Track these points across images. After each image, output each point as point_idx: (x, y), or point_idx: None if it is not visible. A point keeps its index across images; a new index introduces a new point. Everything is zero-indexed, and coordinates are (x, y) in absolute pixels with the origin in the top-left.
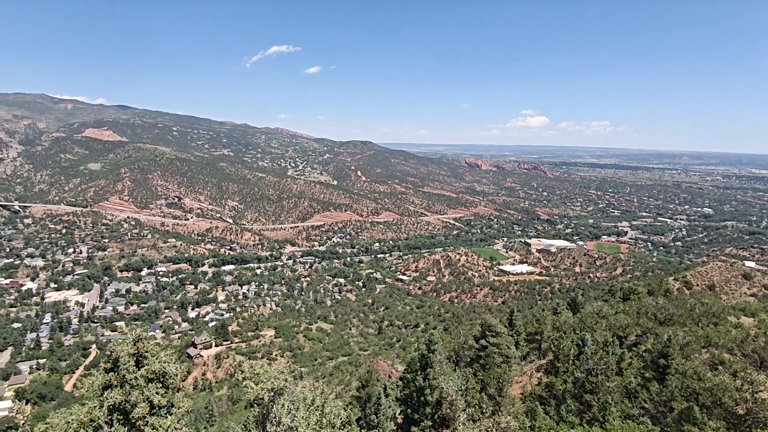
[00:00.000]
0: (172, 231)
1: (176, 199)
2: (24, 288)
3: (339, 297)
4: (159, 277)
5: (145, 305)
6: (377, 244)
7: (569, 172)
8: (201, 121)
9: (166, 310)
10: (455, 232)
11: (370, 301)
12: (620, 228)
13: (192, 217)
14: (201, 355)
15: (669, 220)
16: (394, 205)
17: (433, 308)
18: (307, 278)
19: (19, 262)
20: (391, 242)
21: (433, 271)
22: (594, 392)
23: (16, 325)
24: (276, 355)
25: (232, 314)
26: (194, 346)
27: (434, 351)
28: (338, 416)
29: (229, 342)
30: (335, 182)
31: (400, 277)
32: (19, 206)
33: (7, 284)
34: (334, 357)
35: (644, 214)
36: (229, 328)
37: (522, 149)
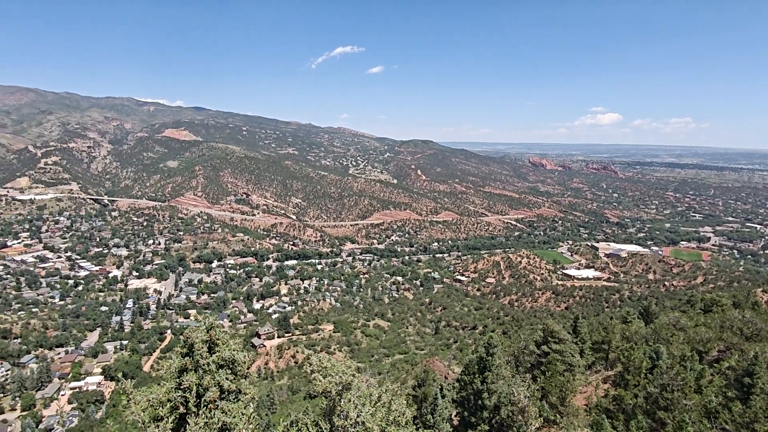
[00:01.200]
0: (240, 226)
1: (244, 196)
2: (111, 275)
3: (396, 295)
4: (227, 269)
5: (215, 295)
6: (436, 244)
7: (643, 172)
8: (268, 121)
9: (233, 301)
10: (516, 234)
11: (427, 300)
12: (702, 233)
13: (258, 213)
14: (264, 345)
15: (759, 226)
16: (453, 204)
17: (491, 310)
18: (366, 275)
19: (107, 251)
20: (449, 242)
21: (493, 273)
22: (669, 409)
23: (103, 308)
24: (334, 349)
25: (293, 307)
26: (258, 336)
27: (493, 354)
28: (403, 414)
29: (290, 334)
30: (395, 181)
31: (459, 277)
32: (108, 200)
33: (97, 271)
34: (391, 354)
35: (730, 218)
36: (291, 321)
37: (591, 148)
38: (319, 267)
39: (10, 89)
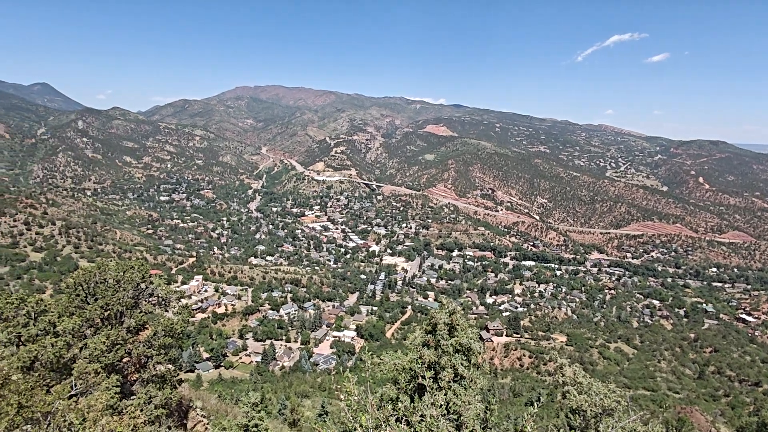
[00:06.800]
0: (482, 220)
1: (490, 191)
2: (370, 249)
3: (649, 321)
4: (466, 260)
5: (452, 282)
6: (714, 269)
7: None
8: (522, 118)
9: (468, 291)
10: None
11: (692, 335)
12: None
13: (501, 210)
14: (491, 341)
15: None
16: (747, 223)
17: None
18: (612, 291)
19: (370, 228)
20: (735, 270)
21: None
22: None
23: (362, 276)
24: (563, 364)
25: (525, 309)
26: (487, 330)
27: None
28: None
29: (518, 335)
30: (664, 188)
31: (743, 316)
32: (376, 185)
33: (361, 244)
34: (633, 387)
35: None
36: (521, 322)
37: None
38: (558, 273)
39: (319, 92)
